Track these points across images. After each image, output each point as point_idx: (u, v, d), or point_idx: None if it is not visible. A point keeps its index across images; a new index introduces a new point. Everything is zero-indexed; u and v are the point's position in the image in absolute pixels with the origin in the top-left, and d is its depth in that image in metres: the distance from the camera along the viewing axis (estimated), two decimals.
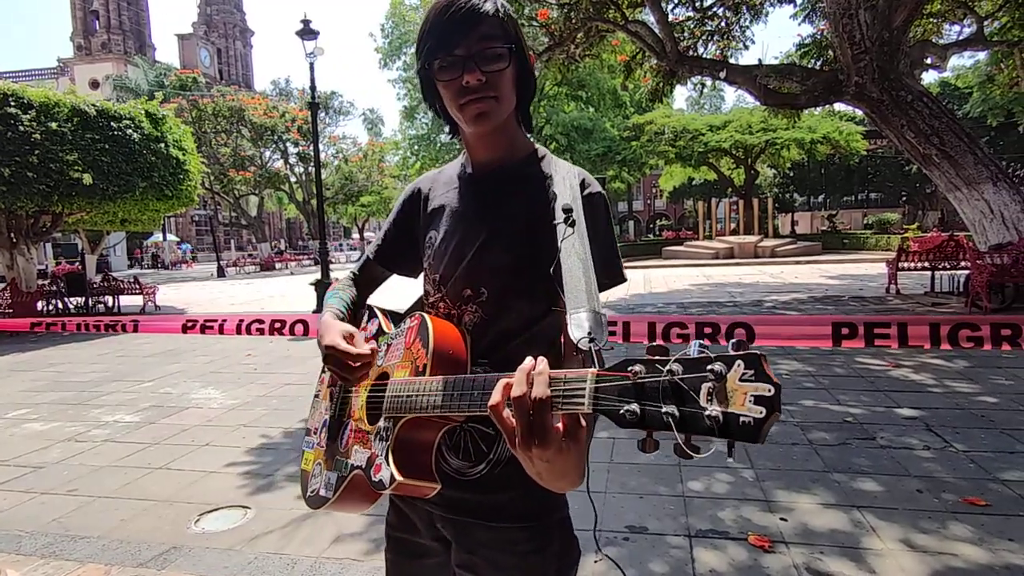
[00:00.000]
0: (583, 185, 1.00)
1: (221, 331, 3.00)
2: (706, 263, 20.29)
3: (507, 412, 0.69)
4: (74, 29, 49.50)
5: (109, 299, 13.58)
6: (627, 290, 13.41)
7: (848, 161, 27.62)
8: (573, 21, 9.91)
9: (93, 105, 10.62)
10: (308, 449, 1.18)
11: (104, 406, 5.39)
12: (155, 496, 3.35)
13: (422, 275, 1.14)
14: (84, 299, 13.08)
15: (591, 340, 0.75)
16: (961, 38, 11.34)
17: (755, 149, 23.38)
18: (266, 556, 2.62)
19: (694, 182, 35.69)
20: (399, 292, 1.53)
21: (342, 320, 1.10)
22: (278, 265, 32.74)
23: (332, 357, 0.99)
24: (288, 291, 16.93)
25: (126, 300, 13.91)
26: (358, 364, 0.97)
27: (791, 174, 34.23)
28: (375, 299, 1.25)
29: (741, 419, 0.53)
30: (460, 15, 0.91)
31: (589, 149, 26.69)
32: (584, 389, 0.64)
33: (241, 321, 3.16)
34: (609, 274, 0.98)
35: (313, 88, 12.77)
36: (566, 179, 0.99)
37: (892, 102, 8.00)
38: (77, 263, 20.38)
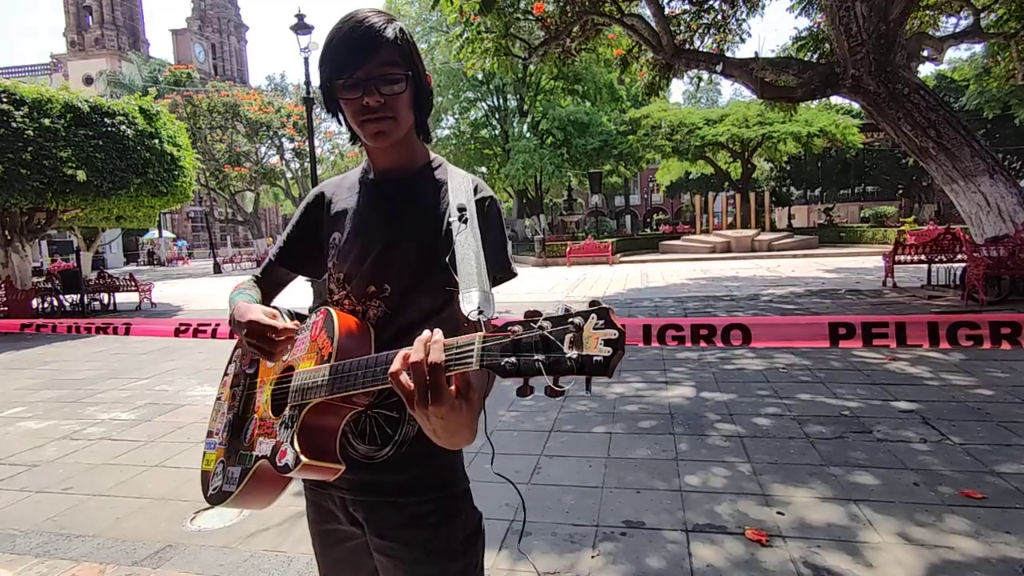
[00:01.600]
0: (476, 190, 1.10)
1: (214, 335, 2.98)
2: (703, 257, 20.29)
3: (405, 377, 0.78)
4: (67, 25, 49.13)
5: (105, 296, 13.54)
6: (624, 285, 13.41)
7: (845, 154, 27.62)
8: (569, 15, 9.86)
9: (86, 101, 10.55)
10: (209, 450, 1.19)
11: (99, 404, 5.37)
12: (150, 494, 3.33)
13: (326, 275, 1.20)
14: (80, 297, 13.02)
15: (480, 312, 0.87)
16: (957, 30, 11.33)
17: (752, 143, 23.32)
18: (262, 554, 2.61)
19: (691, 176, 35.63)
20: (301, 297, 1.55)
21: None
22: None
23: (255, 332, 1.03)
24: (286, 288, 16.86)
25: (122, 297, 13.86)
26: (282, 338, 1.02)
27: (788, 168, 34.17)
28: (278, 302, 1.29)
29: (594, 358, 0.65)
30: (362, 40, 1.00)
31: (586, 143, 26.61)
32: (473, 349, 0.74)
33: None
34: (501, 269, 1.09)
35: (308, 83, 12.72)
36: (461, 185, 1.09)
37: (889, 95, 7.99)
38: (72, 260, 20.29)
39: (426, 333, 0.79)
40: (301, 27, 12.56)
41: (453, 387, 0.76)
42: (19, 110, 9.42)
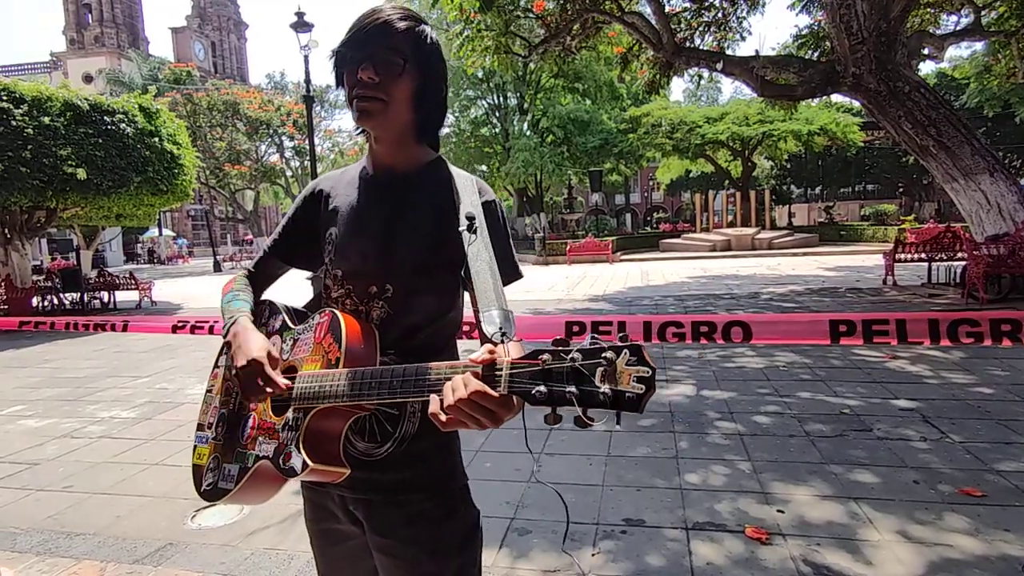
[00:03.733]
0: (481, 192, 1.11)
1: (211, 332, 2.98)
2: (703, 255, 20.28)
3: (444, 418, 0.80)
4: (67, 23, 49.09)
5: (105, 295, 13.53)
6: (625, 283, 13.41)
7: (845, 153, 27.57)
8: (569, 12, 9.85)
9: (86, 99, 10.54)
10: (201, 444, 1.18)
11: (100, 402, 5.38)
12: (151, 492, 3.34)
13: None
14: (80, 295, 13.02)
15: (503, 334, 0.88)
16: (958, 28, 11.31)
17: (752, 141, 23.29)
18: (262, 552, 2.61)
19: (691, 174, 35.58)
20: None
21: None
22: None
23: (252, 372, 1.01)
24: (285, 285, 16.86)
25: (122, 295, 13.86)
26: (271, 390, 1.01)
27: (788, 166, 34.15)
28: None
29: (627, 395, 0.68)
30: (378, 25, 1.04)
31: (586, 142, 26.60)
32: (502, 375, 0.76)
33: None
34: (507, 272, 1.09)
35: (308, 81, 12.71)
36: (465, 186, 1.10)
37: (889, 93, 7.98)
38: (72, 259, 20.28)
39: (457, 379, 0.80)
40: (301, 25, 12.54)
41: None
42: (19, 108, 9.41)
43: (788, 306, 8.79)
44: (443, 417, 0.80)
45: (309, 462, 0.90)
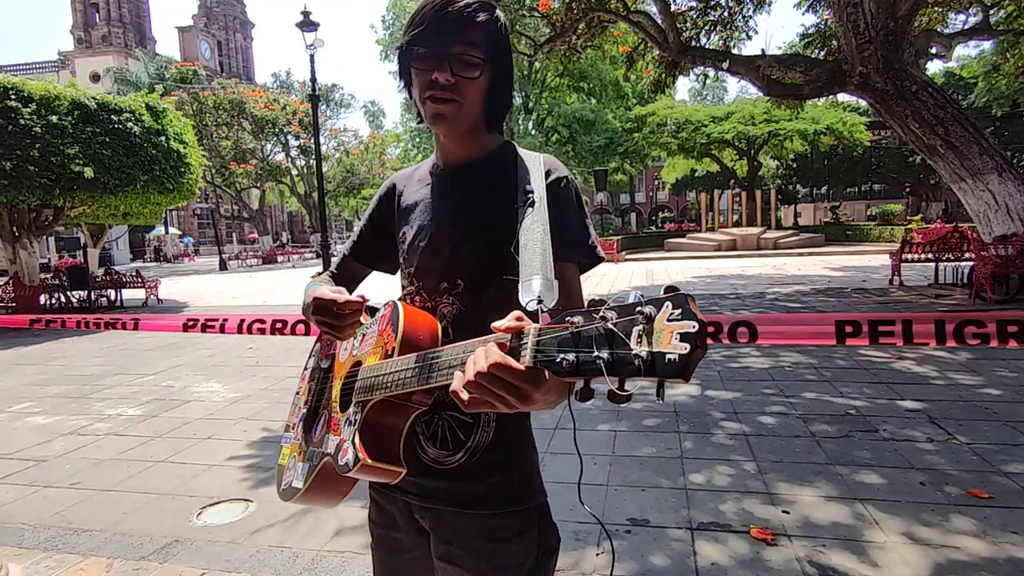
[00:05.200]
0: (548, 172, 1.02)
1: (222, 330, 3.00)
2: (709, 255, 20.23)
3: (466, 396, 0.72)
4: (74, 22, 49.33)
5: (112, 293, 13.61)
6: (629, 283, 13.39)
7: (852, 152, 27.46)
8: (574, 11, 9.84)
9: (93, 98, 10.59)
10: (285, 444, 1.18)
11: (106, 400, 5.41)
12: (157, 489, 3.35)
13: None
14: (87, 293, 13.10)
15: (539, 302, 0.79)
16: (966, 27, 11.23)
17: (758, 140, 23.23)
18: (268, 549, 2.62)
19: (697, 174, 35.54)
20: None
21: None
22: (280, 258, 32.74)
23: (320, 308, 1.01)
24: (291, 284, 16.93)
25: (129, 293, 13.93)
26: (347, 312, 0.99)
27: (794, 165, 34.02)
28: None
29: (667, 356, 0.54)
30: (452, 15, 0.94)
31: (591, 141, 26.58)
32: (527, 344, 0.67)
33: (243, 321, 3.14)
34: (583, 252, 1.01)
35: (314, 80, 12.73)
36: (532, 168, 1.02)
37: (897, 92, 7.94)
38: (80, 257, 20.41)
39: (479, 351, 0.73)
40: (307, 24, 12.57)
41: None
42: (27, 107, 9.47)
43: (794, 306, 8.76)
44: (464, 395, 0.72)
45: (363, 457, 0.86)
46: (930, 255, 10.27)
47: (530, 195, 0.96)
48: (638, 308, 0.58)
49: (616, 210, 42.46)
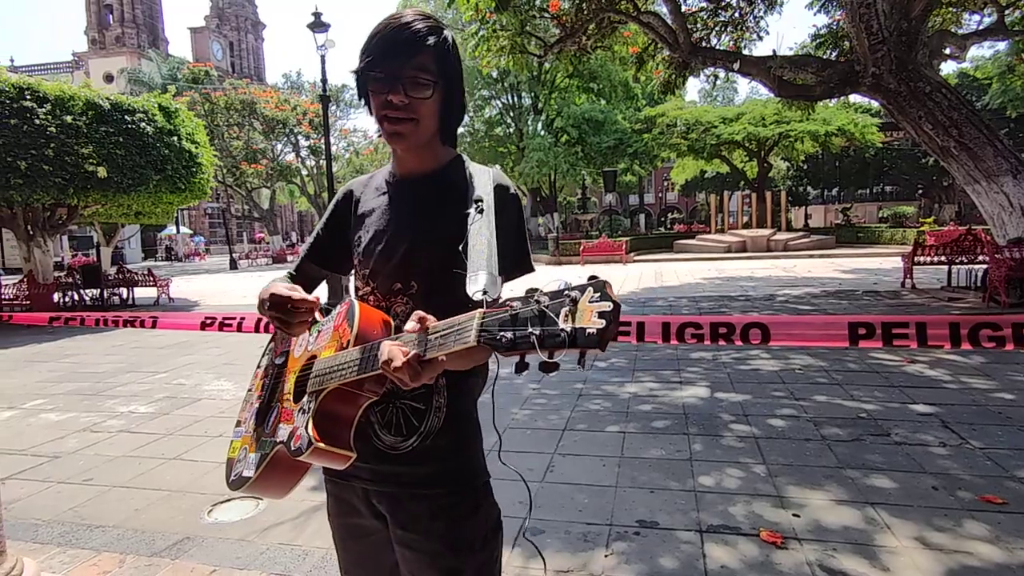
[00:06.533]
0: (497, 184, 1.10)
1: (239, 329, 3.02)
2: (718, 257, 20.14)
3: (395, 365, 0.83)
4: (88, 23, 49.87)
5: (124, 291, 13.74)
6: (638, 284, 13.36)
7: (863, 154, 27.29)
8: (584, 12, 9.82)
9: (107, 99, 10.71)
10: (235, 438, 1.22)
11: (119, 397, 5.46)
12: (169, 486, 3.38)
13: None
14: (99, 291, 13.24)
15: (484, 293, 0.87)
16: (981, 27, 11.12)
17: (768, 142, 23.10)
18: (278, 547, 2.64)
19: (706, 175, 35.35)
20: None
21: None
22: (290, 258, 32.90)
23: (275, 303, 1.05)
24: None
25: (141, 292, 14.06)
26: (301, 308, 1.04)
27: (805, 167, 33.82)
28: None
29: (587, 331, 0.65)
30: (402, 40, 1.03)
31: (600, 141, 26.52)
32: (472, 326, 0.76)
33: (260, 320, 3.16)
34: (516, 262, 1.09)
35: (324, 81, 12.79)
36: (482, 178, 1.10)
37: (910, 93, 7.86)
38: (93, 256, 20.62)
39: (410, 324, 0.84)
40: (318, 25, 12.62)
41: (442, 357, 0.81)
42: (42, 107, 9.59)
43: (804, 308, 8.70)
44: (393, 367, 0.83)
45: (316, 441, 0.90)
46: (943, 258, 10.16)
47: (480, 203, 1.03)
48: (566, 292, 0.69)
49: (625, 211, 42.32)
